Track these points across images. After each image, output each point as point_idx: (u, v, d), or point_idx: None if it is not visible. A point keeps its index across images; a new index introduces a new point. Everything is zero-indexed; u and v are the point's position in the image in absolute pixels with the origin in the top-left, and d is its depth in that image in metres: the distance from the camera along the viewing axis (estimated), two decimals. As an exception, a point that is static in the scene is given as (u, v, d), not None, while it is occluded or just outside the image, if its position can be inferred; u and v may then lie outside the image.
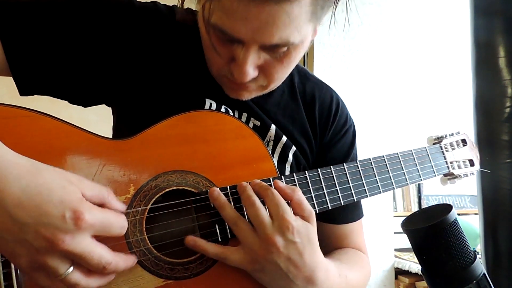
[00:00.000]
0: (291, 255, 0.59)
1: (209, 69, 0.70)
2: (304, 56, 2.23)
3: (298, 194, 0.63)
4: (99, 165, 0.58)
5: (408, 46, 3.08)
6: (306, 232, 0.60)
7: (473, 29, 1.79)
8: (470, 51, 1.81)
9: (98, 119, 1.16)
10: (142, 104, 0.72)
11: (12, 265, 0.51)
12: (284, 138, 0.78)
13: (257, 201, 0.61)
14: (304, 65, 2.25)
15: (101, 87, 0.72)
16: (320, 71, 2.25)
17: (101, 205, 0.51)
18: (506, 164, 1.65)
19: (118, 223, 0.51)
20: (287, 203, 0.62)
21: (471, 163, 0.92)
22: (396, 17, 2.48)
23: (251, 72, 0.61)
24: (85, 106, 0.75)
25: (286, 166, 0.78)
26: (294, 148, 0.79)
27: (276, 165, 0.75)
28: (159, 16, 0.73)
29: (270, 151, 0.77)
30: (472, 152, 0.93)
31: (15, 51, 0.63)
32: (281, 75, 0.67)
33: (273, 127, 0.77)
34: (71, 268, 0.47)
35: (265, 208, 0.61)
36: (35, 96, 0.69)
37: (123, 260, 0.52)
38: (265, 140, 0.77)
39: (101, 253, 0.48)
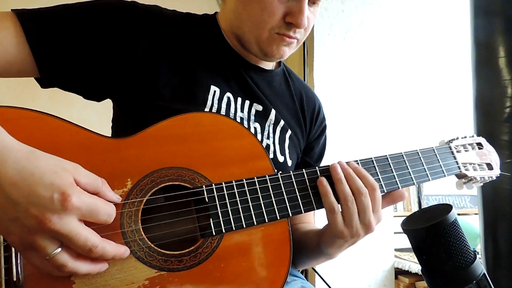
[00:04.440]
0: (358, 240, 0.74)
1: (256, 35, 0.79)
2: (304, 56, 2.23)
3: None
4: (99, 161, 0.61)
5: (408, 46, 3.08)
6: None
7: (473, 29, 1.79)
8: (470, 51, 1.81)
9: (98, 119, 1.16)
10: (151, 93, 0.76)
11: (13, 249, 0.53)
12: (282, 122, 0.88)
13: (354, 202, 0.69)
14: (304, 65, 2.25)
15: (113, 81, 0.77)
16: (320, 71, 2.25)
17: (95, 194, 0.54)
18: (506, 164, 1.65)
19: (105, 210, 0.53)
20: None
21: (489, 167, 0.89)
22: (396, 17, 2.48)
23: (306, 19, 0.76)
24: (98, 100, 0.82)
25: (285, 146, 0.88)
26: (290, 131, 0.90)
27: (278, 148, 0.85)
28: (163, 16, 0.81)
29: (272, 133, 0.85)
30: (490, 156, 0.90)
31: (41, 49, 0.69)
32: (310, 28, 0.83)
33: (273, 111, 0.87)
34: (59, 249, 0.50)
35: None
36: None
37: (112, 247, 0.54)
38: (267, 123, 0.86)
39: (87, 235, 0.51)
